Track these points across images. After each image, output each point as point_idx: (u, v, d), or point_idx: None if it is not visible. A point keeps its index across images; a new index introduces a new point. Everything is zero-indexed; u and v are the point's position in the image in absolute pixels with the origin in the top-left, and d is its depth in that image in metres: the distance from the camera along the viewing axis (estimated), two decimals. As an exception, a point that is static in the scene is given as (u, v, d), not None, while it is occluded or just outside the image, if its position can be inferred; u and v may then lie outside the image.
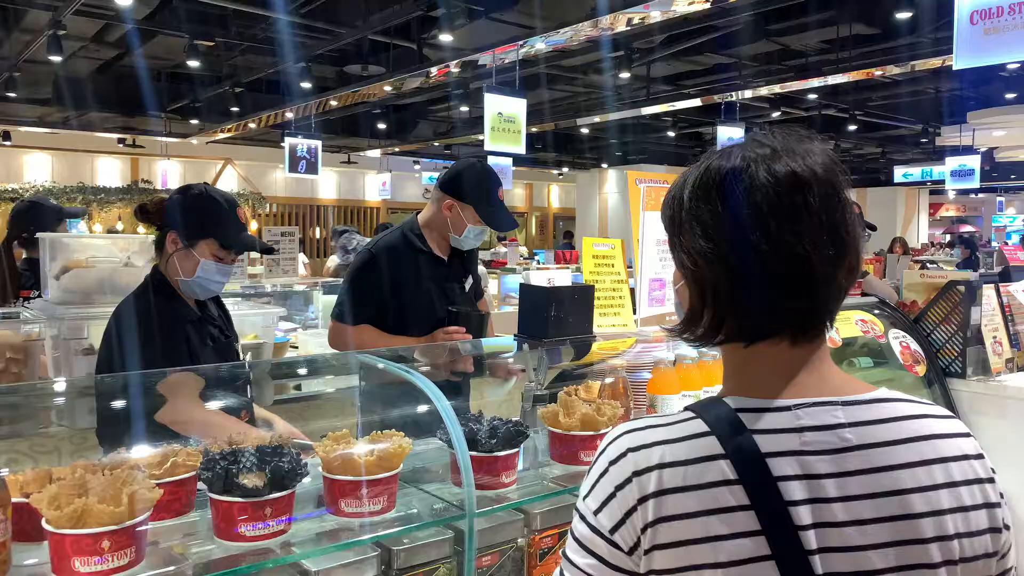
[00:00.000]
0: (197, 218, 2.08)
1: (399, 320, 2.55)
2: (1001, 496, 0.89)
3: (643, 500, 0.83)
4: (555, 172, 19.81)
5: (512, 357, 2.25)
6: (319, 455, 1.50)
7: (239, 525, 1.36)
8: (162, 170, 13.84)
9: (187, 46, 7.67)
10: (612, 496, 0.85)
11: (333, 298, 7.08)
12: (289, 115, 10.39)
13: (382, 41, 8.21)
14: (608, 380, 1.82)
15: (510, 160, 11.49)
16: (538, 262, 11.25)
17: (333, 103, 9.74)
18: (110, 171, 14.38)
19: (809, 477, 0.82)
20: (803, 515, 0.81)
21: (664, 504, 0.82)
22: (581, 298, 1.96)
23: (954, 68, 3.92)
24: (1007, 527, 0.89)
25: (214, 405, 1.85)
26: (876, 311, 2.83)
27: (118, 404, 1.76)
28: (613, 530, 0.85)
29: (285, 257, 6.61)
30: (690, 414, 0.88)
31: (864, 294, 3.62)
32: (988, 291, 2.73)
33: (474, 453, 1.56)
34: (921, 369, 2.64)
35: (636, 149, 15.95)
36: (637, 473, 0.84)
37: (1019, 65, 8.52)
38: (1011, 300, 2.79)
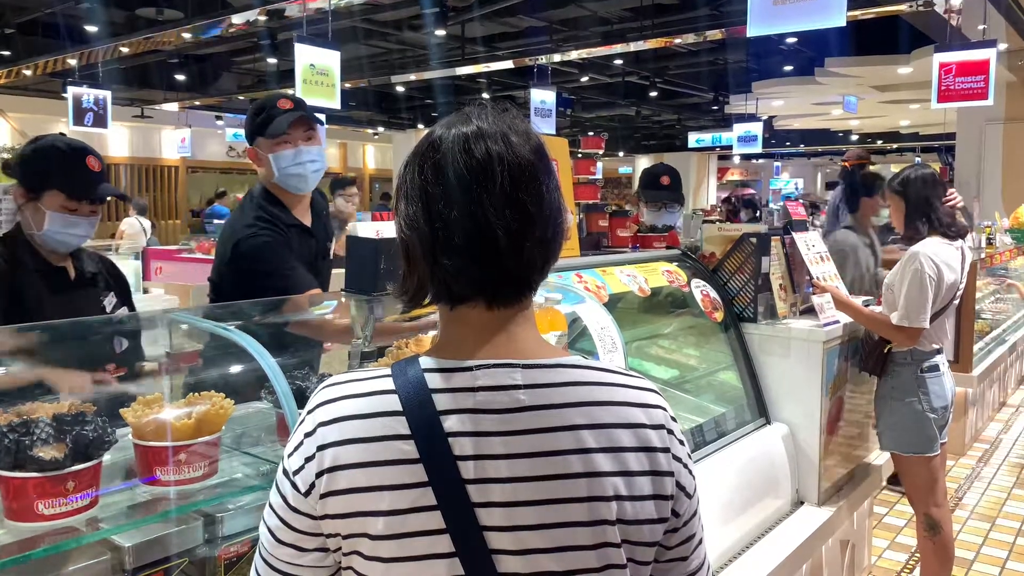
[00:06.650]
0: (39, 169, 2.00)
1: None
2: (685, 467, 0.94)
3: (322, 448, 0.88)
4: (370, 132, 19.35)
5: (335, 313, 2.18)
6: (129, 421, 1.38)
7: (35, 504, 1.23)
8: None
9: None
10: (301, 443, 0.90)
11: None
12: (72, 62, 9.35)
13: (179, -18, 7.62)
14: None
15: (323, 117, 11.08)
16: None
17: (124, 50, 8.87)
18: None
19: (478, 434, 0.87)
20: (470, 470, 0.86)
21: (339, 454, 0.87)
22: None
23: (747, 35, 4.32)
24: (689, 496, 0.95)
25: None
26: (679, 262, 3.03)
27: None
28: (295, 473, 0.89)
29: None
30: (386, 371, 0.91)
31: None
32: (775, 242, 3.01)
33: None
34: (719, 315, 2.87)
35: (451, 110, 15.87)
36: (322, 424, 0.89)
37: (796, 40, 9.37)
38: (792, 250, 3.09)
